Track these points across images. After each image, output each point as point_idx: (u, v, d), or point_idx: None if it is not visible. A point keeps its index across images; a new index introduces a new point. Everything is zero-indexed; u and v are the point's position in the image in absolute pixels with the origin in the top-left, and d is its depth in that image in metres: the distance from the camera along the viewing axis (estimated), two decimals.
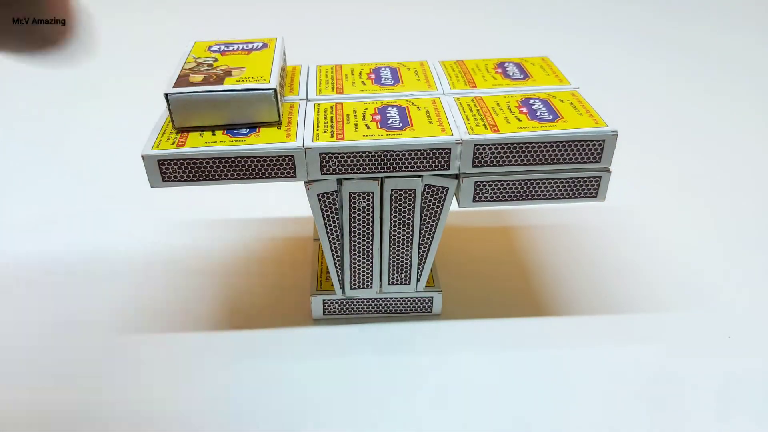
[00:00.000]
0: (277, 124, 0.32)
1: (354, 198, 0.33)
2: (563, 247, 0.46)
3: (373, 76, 0.37)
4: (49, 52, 0.21)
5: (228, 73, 0.33)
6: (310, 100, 0.35)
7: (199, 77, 0.32)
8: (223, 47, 0.36)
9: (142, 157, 0.30)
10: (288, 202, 0.51)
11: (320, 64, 0.39)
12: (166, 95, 0.31)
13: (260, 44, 0.37)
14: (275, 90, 0.31)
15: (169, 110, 0.31)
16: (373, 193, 0.32)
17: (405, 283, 0.37)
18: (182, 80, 0.32)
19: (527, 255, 0.45)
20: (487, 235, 0.47)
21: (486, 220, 0.49)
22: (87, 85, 0.75)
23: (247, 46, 0.36)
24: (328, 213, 0.33)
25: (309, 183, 0.32)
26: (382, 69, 0.38)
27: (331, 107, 0.34)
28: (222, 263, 0.44)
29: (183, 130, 0.32)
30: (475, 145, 0.31)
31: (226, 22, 0.94)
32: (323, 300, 0.38)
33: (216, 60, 0.35)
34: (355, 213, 0.33)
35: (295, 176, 0.31)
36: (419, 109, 0.33)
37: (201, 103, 0.31)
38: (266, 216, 0.50)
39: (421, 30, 0.89)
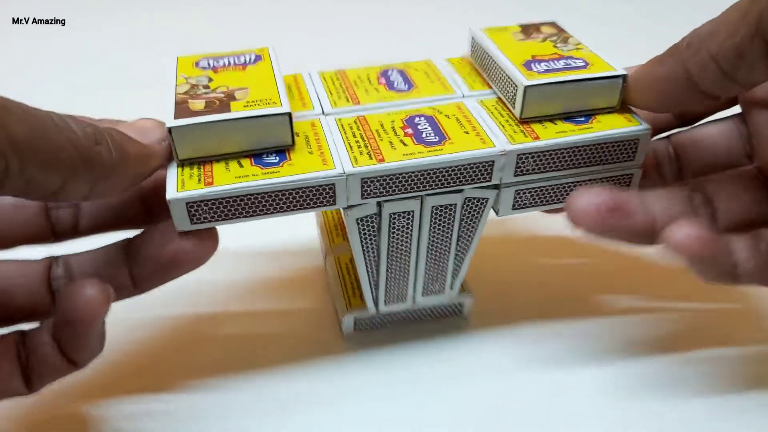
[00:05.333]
0: (290, 147, 0.30)
1: (393, 218, 0.31)
2: (591, 251, 0.45)
3: (383, 81, 0.35)
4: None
5: (231, 96, 0.30)
6: (327, 115, 0.33)
7: (199, 104, 0.29)
8: (212, 62, 0.33)
9: (169, 201, 0.27)
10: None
11: (320, 71, 0.37)
12: (170, 129, 0.28)
13: (252, 56, 0.34)
14: (290, 114, 0.29)
15: (172, 142, 0.28)
16: (413, 211, 0.31)
17: (439, 293, 0.36)
18: (182, 108, 0.29)
19: (554, 261, 0.44)
20: (512, 240, 0.46)
21: (512, 225, 0.48)
22: (87, 84, 0.68)
23: (239, 59, 0.33)
24: (367, 236, 0.32)
25: (348, 208, 0.30)
26: (390, 72, 0.36)
27: (355, 121, 0.32)
28: (228, 293, 0.42)
29: (187, 162, 0.29)
30: (518, 154, 0.30)
31: (206, 23, 0.85)
32: (354, 317, 0.37)
33: (211, 80, 0.31)
34: (394, 233, 0.32)
35: (335, 203, 0.29)
36: (448, 117, 0.32)
37: (208, 133, 0.28)
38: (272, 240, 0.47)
39: (421, 30, 0.83)
